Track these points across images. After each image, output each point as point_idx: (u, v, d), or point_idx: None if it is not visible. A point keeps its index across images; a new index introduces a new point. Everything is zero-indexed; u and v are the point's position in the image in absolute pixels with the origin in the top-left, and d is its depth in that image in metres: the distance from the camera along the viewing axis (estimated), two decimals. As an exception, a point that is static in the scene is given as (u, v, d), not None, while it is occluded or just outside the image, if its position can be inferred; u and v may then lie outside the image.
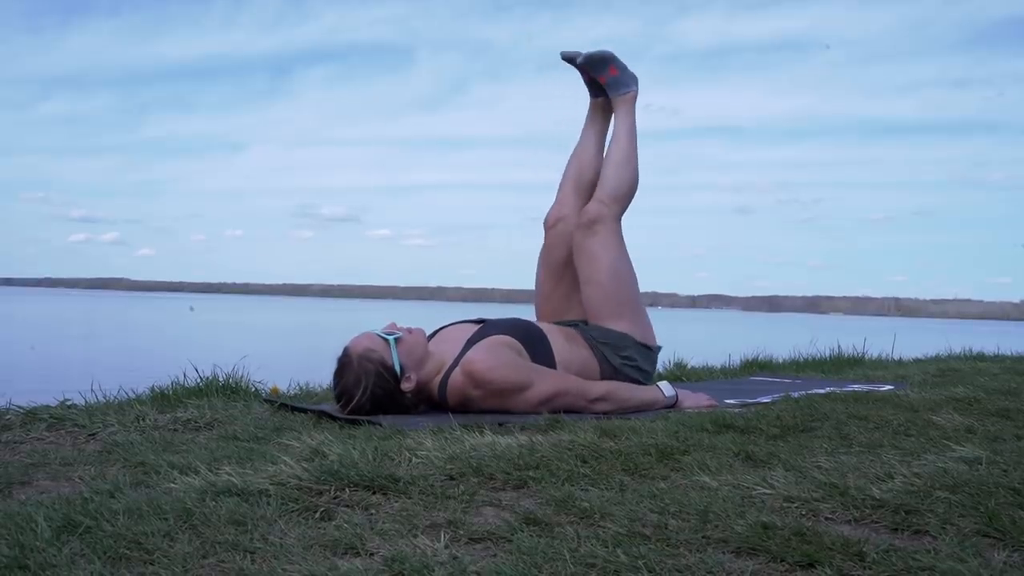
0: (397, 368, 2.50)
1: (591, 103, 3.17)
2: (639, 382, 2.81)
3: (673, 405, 2.67)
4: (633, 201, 2.99)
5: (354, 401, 2.45)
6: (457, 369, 2.51)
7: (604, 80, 3.07)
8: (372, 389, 2.46)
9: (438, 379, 2.55)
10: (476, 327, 2.70)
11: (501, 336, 2.60)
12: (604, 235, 2.87)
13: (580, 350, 2.77)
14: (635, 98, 3.07)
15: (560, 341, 2.73)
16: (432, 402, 2.57)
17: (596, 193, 2.95)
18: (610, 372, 2.78)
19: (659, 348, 2.96)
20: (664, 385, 2.72)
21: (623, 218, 2.97)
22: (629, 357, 2.81)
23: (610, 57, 3.04)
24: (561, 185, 3.11)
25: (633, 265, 2.95)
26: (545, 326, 2.79)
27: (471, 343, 2.58)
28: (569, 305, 2.96)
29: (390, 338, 2.53)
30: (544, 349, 2.66)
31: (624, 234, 2.96)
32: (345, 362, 2.51)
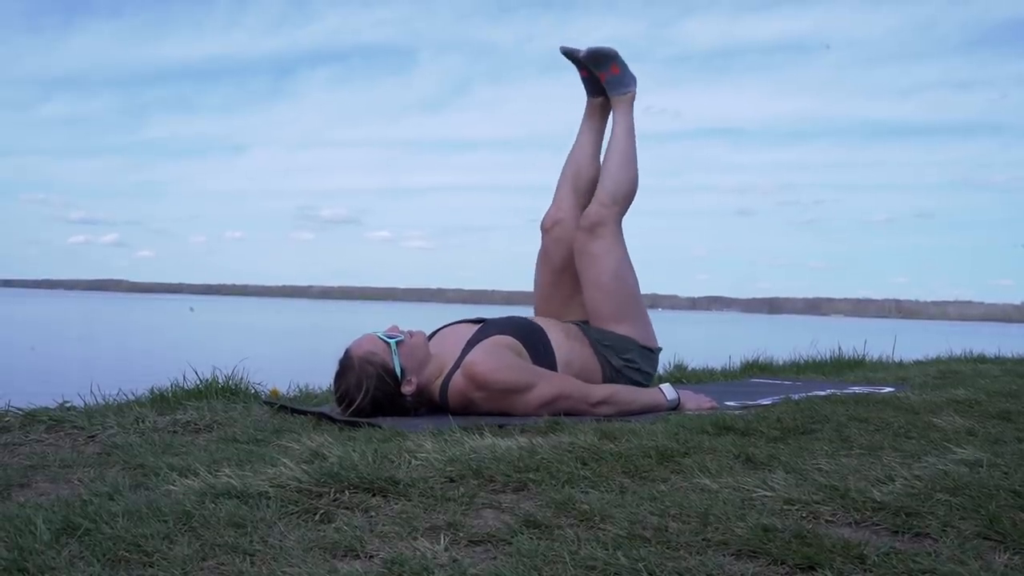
0: (398, 371, 2.49)
1: (588, 103, 3.15)
2: (640, 384, 2.81)
3: (675, 408, 2.66)
4: (634, 202, 2.98)
5: (355, 404, 2.45)
6: (458, 372, 2.50)
7: (605, 78, 3.04)
8: (373, 392, 2.46)
9: (439, 381, 2.55)
10: (476, 327, 2.69)
11: (502, 336, 2.60)
12: (607, 238, 2.86)
13: (581, 348, 2.76)
14: (634, 99, 3.05)
15: (560, 338, 2.72)
16: (433, 404, 2.57)
17: (596, 195, 2.93)
18: (611, 373, 2.78)
19: (660, 350, 2.96)
20: (666, 387, 2.72)
21: (624, 219, 2.97)
22: (631, 360, 2.81)
23: (613, 54, 3.02)
24: (558, 187, 3.09)
25: (634, 269, 2.95)
26: (544, 322, 2.78)
27: (471, 344, 2.58)
28: (569, 307, 2.95)
29: (391, 341, 2.53)
30: (544, 348, 2.66)
31: (624, 235, 2.95)
32: (346, 365, 2.51)
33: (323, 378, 3.16)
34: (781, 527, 1.31)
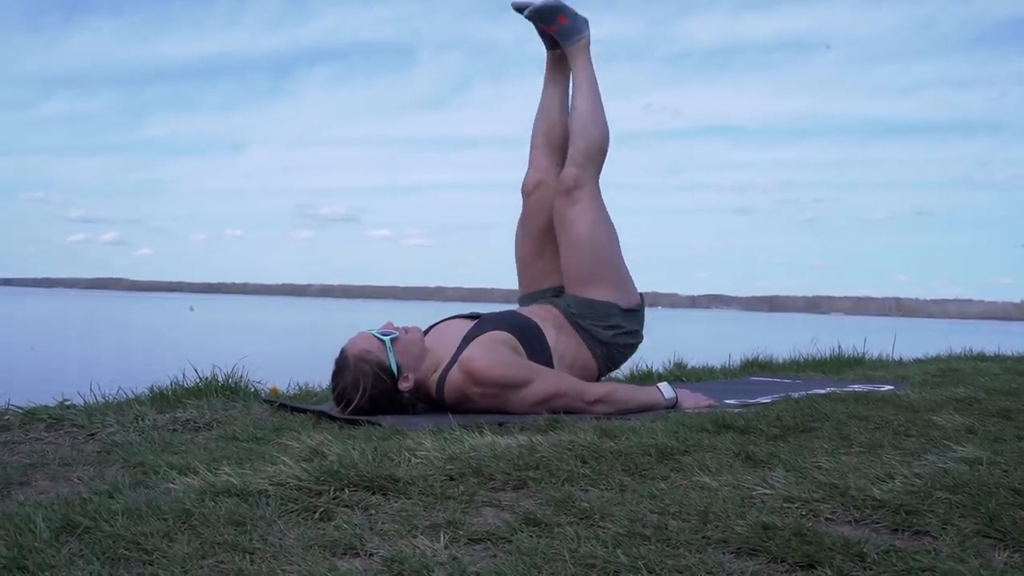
0: (394, 368, 2.49)
1: (548, 56, 3.09)
2: (631, 346, 2.81)
3: (673, 407, 2.66)
4: (633, 205, 2.96)
5: (353, 403, 2.45)
6: (455, 367, 2.50)
7: (554, 30, 2.97)
8: (370, 390, 2.46)
9: (435, 377, 2.54)
10: (472, 322, 2.69)
11: (498, 332, 2.60)
12: (585, 200, 2.82)
13: (569, 339, 2.77)
14: (588, 43, 2.97)
15: (553, 333, 2.72)
16: (430, 400, 2.57)
17: (570, 155, 2.88)
18: (603, 351, 2.78)
19: (642, 302, 2.92)
20: (664, 386, 2.72)
21: (602, 180, 2.92)
22: (616, 325, 2.81)
23: (559, 6, 2.94)
24: (532, 147, 3.04)
25: (613, 225, 2.90)
26: (538, 318, 2.77)
27: (468, 340, 2.58)
28: (549, 271, 2.93)
29: (386, 338, 2.53)
30: (540, 344, 2.66)
31: (623, 234, 2.95)
32: (342, 364, 2.51)
33: (322, 376, 3.16)
34: (781, 525, 1.31)
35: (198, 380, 2.89)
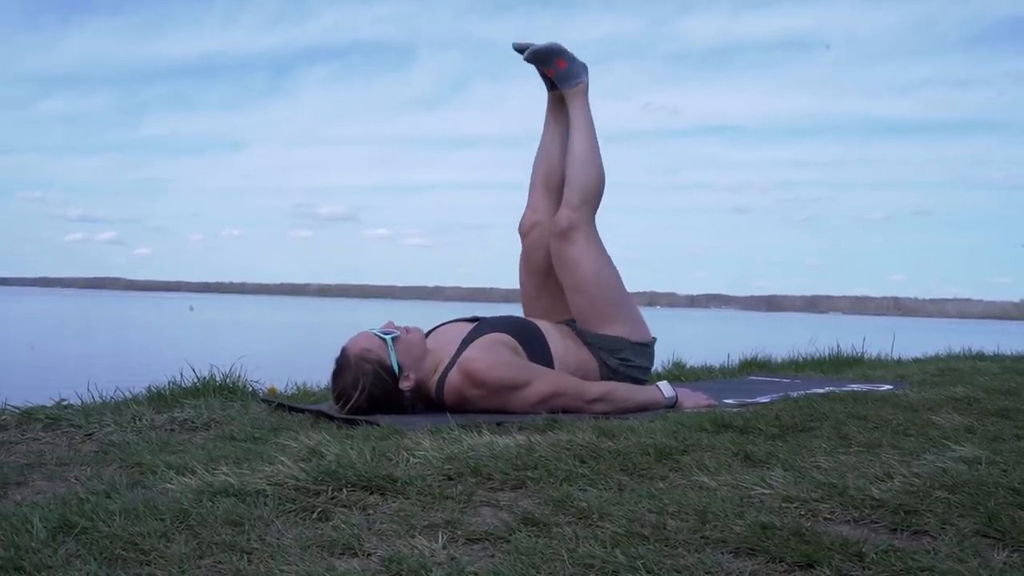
0: (395, 367, 2.49)
1: (549, 96, 3.09)
2: (640, 379, 2.80)
3: (673, 406, 2.66)
4: (633, 203, 2.98)
5: (352, 401, 2.45)
6: (454, 368, 2.50)
7: (552, 74, 2.98)
8: (370, 389, 2.45)
9: (435, 378, 2.54)
10: (472, 325, 2.69)
11: (498, 334, 2.60)
12: (580, 242, 2.81)
13: (576, 346, 2.76)
14: (586, 88, 2.98)
15: (556, 338, 2.72)
16: (429, 401, 2.56)
17: (565, 197, 2.88)
18: (608, 373, 2.78)
19: (654, 340, 2.93)
20: (663, 385, 2.72)
21: (599, 217, 2.90)
22: (626, 359, 2.80)
23: (557, 50, 2.95)
24: (531, 188, 3.05)
25: (614, 264, 2.90)
26: (541, 323, 2.78)
27: (467, 342, 2.57)
28: (556, 307, 2.93)
29: (387, 337, 2.52)
30: (541, 346, 2.65)
31: (622, 232, 2.96)
32: (343, 363, 2.51)
33: (321, 376, 3.16)
34: (780, 525, 1.31)
35: (196, 380, 2.89)
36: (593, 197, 2.90)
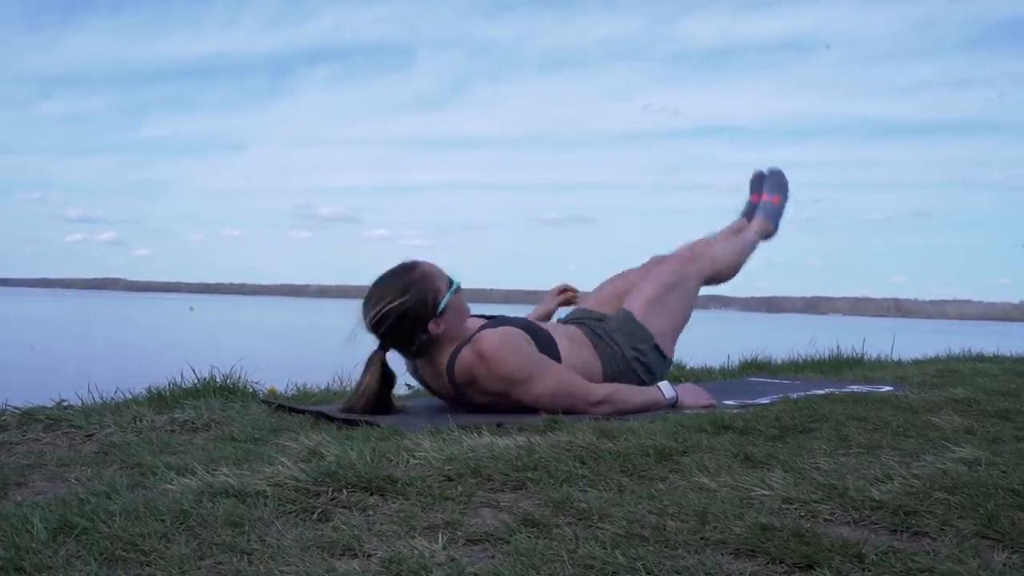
0: (441, 307, 2.50)
1: (737, 222, 3.33)
2: (641, 380, 2.81)
3: (674, 405, 2.66)
4: (636, 206, 3.05)
5: (385, 306, 2.46)
6: (468, 345, 2.51)
7: (757, 201, 3.25)
8: (409, 306, 2.46)
9: (449, 351, 2.54)
10: (486, 319, 2.71)
11: (512, 327, 2.61)
12: (677, 263, 3.01)
13: (581, 350, 2.76)
14: (768, 233, 3.21)
15: (564, 343, 2.72)
16: (438, 374, 2.57)
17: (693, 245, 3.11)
18: (615, 365, 2.78)
19: (670, 362, 2.96)
20: (664, 385, 2.72)
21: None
22: (642, 352, 2.82)
23: (785, 187, 3.26)
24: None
25: (689, 308, 3.02)
26: (550, 327, 2.79)
27: (483, 328, 2.59)
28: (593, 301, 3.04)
29: (455, 282, 2.55)
30: (550, 345, 2.66)
31: (622, 232, 2.99)
32: (408, 268, 2.53)
33: (320, 376, 3.16)
34: (779, 526, 1.31)
35: (196, 381, 2.89)
36: (718, 270, 3.11)
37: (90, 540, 1.26)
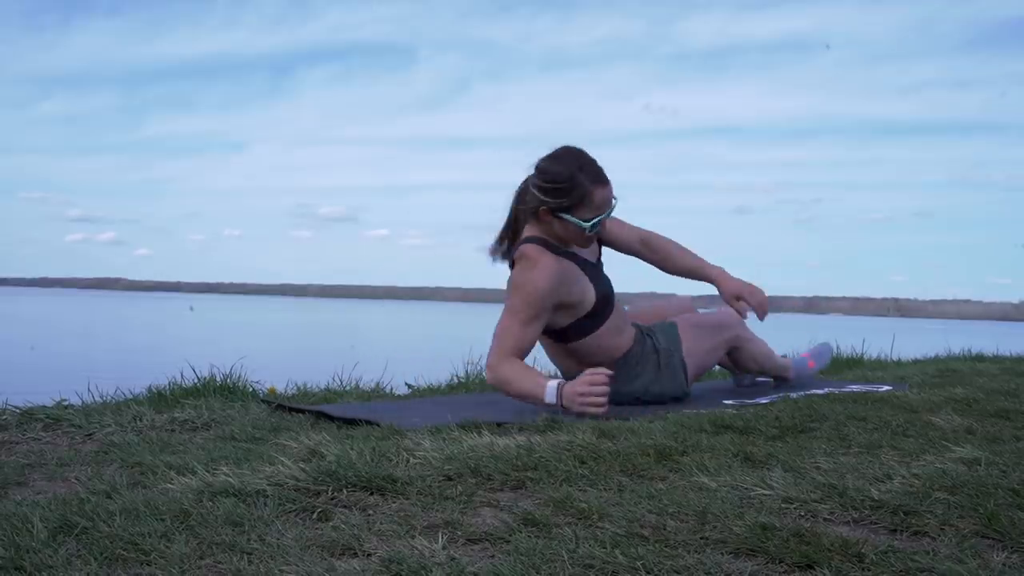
0: (565, 215, 2.62)
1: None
2: (657, 348, 2.85)
3: (556, 408, 2.51)
4: (637, 207, 3.04)
5: (552, 171, 2.61)
6: (528, 242, 2.66)
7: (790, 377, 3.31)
8: (567, 183, 2.59)
9: (523, 236, 2.70)
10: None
11: (560, 264, 2.65)
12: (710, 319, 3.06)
13: (624, 326, 2.84)
14: (785, 377, 3.27)
15: (619, 309, 2.83)
16: (505, 254, 2.76)
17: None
18: (647, 344, 2.85)
19: (686, 393, 2.91)
20: (549, 387, 2.54)
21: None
22: (667, 351, 2.86)
23: (827, 359, 3.54)
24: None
25: (716, 350, 3.03)
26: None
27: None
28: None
29: (590, 224, 2.63)
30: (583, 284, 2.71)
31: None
32: (582, 155, 2.65)
33: (320, 376, 3.16)
34: (779, 526, 1.31)
35: (196, 380, 2.89)
36: (756, 358, 3.17)
37: (90, 539, 1.26)
